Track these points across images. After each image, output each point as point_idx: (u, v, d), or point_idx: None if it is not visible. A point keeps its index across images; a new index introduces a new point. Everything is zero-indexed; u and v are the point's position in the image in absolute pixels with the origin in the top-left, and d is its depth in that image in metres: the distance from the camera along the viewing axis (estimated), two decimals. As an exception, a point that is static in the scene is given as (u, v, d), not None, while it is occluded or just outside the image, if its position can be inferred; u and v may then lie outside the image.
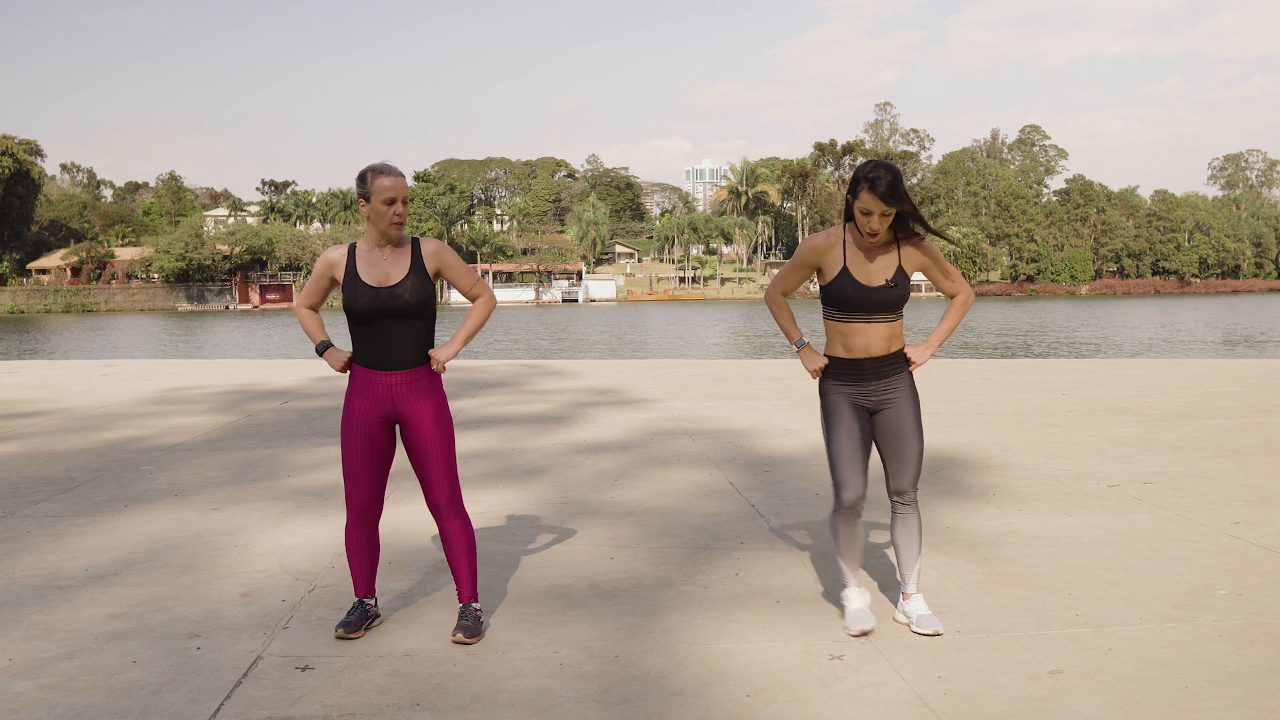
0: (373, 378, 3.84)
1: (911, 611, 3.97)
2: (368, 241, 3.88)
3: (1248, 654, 3.67)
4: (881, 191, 3.61)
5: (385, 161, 3.83)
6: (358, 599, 4.04)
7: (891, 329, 3.83)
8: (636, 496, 6.32)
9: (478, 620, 3.94)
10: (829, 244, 3.82)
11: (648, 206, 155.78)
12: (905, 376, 3.92)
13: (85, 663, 3.68)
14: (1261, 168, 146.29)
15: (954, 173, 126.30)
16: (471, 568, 3.99)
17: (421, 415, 3.86)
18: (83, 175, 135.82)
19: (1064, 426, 8.92)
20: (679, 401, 10.99)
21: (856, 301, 3.76)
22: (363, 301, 3.78)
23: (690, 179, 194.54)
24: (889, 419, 3.90)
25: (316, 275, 3.95)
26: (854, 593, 4.00)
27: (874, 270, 3.77)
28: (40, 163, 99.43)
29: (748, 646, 3.80)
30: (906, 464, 3.92)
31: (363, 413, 3.86)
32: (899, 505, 3.99)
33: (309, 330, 4.05)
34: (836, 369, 3.89)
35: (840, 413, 3.88)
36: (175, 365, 17.70)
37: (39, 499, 6.35)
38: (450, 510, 3.95)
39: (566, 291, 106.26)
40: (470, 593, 3.98)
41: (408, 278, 3.81)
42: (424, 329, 3.87)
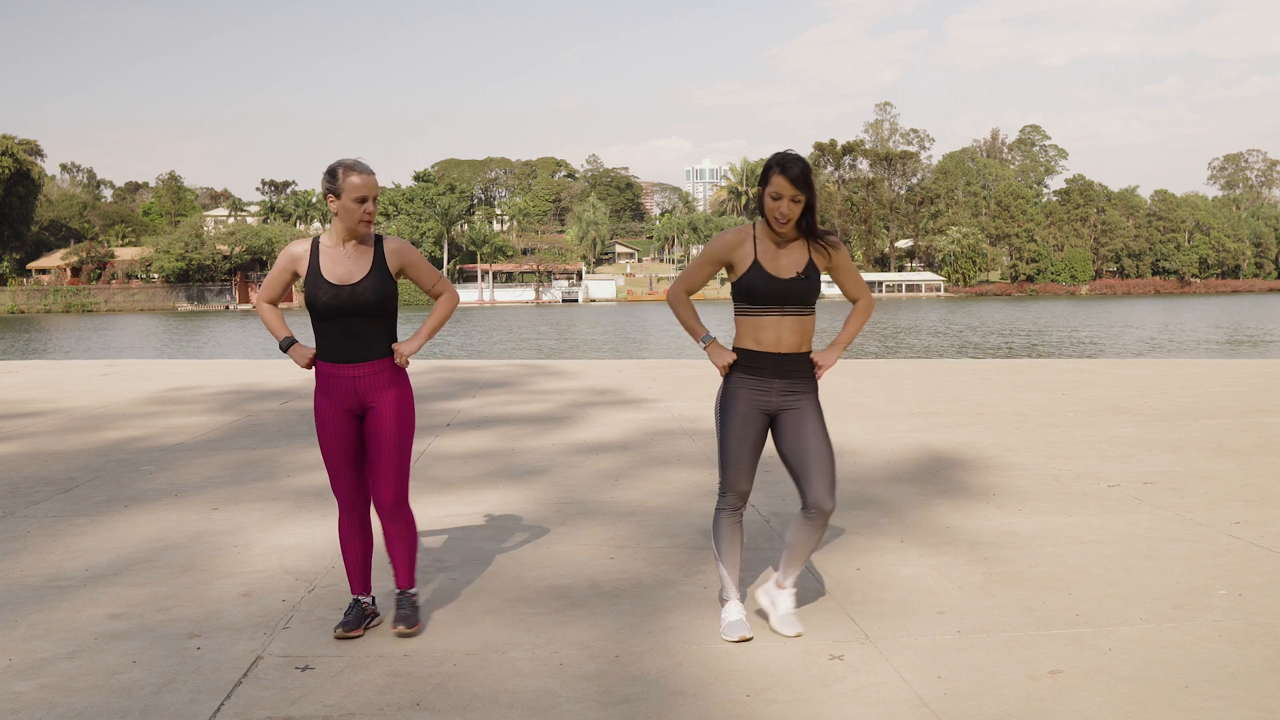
0: (336, 372, 3.85)
1: (780, 604, 3.94)
2: (332, 237, 3.87)
3: (1248, 654, 3.67)
4: (793, 175, 3.65)
5: (357, 159, 3.83)
6: (354, 597, 4.04)
7: (803, 324, 3.80)
8: (636, 496, 6.32)
9: (415, 608, 3.96)
10: (739, 239, 3.83)
11: (648, 206, 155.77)
12: (810, 383, 3.86)
13: (85, 663, 3.68)
14: (1261, 168, 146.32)
15: (954, 173, 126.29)
16: (410, 556, 3.99)
17: (383, 408, 3.87)
18: (83, 175, 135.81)
19: (1064, 426, 8.92)
20: (679, 401, 10.99)
21: (768, 294, 3.75)
22: (324, 298, 3.79)
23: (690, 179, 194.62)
24: (789, 423, 3.82)
25: (278, 269, 3.93)
26: (734, 602, 3.96)
27: (784, 264, 3.78)
28: (40, 163, 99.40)
29: (748, 646, 3.80)
30: (816, 468, 3.78)
31: (330, 408, 3.88)
32: (813, 515, 3.82)
33: (271, 327, 4.02)
34: (744, 362, 3.84)
35: (737, 411, 3.82)
36: (175, 365, 17.70)
37: (39, 499, 6.35)
38: (393, 512, 3.93)
39: (566, 291, 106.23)
40: (407, 578, 3.99)
41: (369, 276, 3.81)
42: (385, 325, 3.88)
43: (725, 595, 3.99)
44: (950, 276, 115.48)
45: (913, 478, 6.82)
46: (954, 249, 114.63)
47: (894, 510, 5.89)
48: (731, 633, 3.87)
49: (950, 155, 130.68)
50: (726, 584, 3.97)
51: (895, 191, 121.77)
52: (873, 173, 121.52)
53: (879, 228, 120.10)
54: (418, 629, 3.94)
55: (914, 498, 6.22)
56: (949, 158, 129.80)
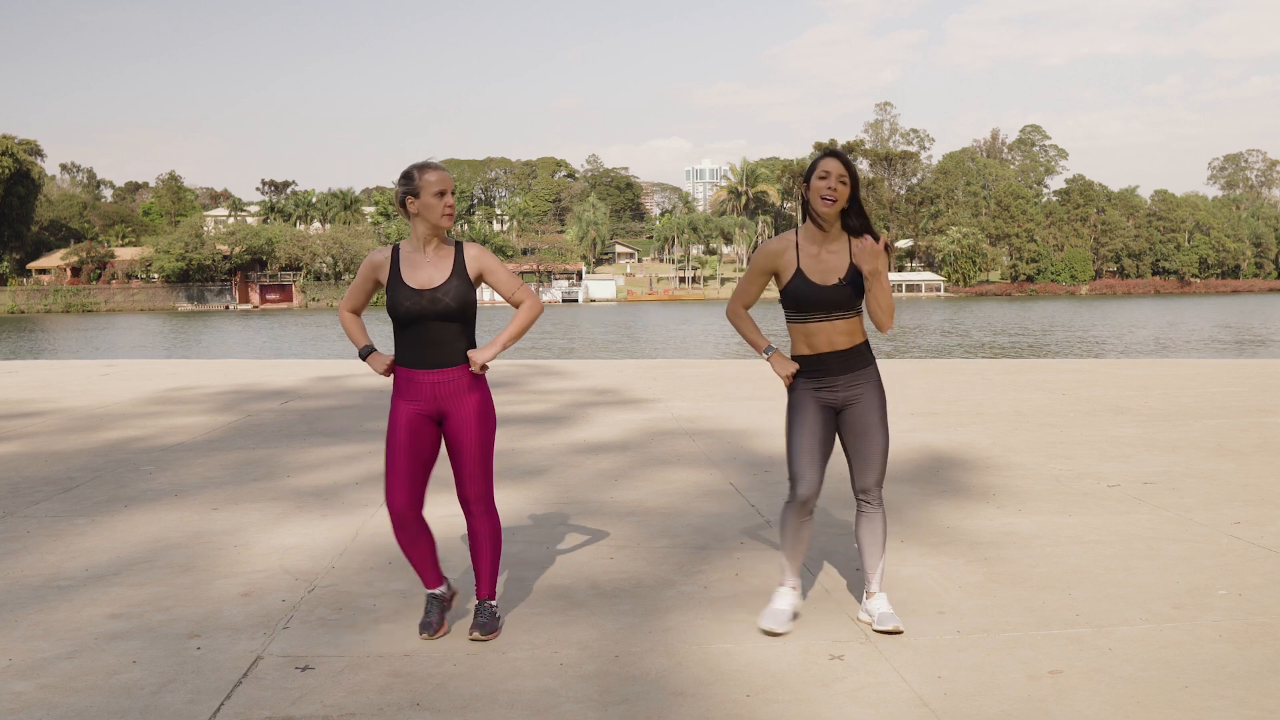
0: (415, 377, 3.87)
1: (874, 610, 3.97)
2: (412, 242, 3.92)
3: (1248, 654, 3.67)
4: (841, 157, 3.81)
5: (428, 158, 3.90)
6: (429, 593, 4.02)
7: (852, 324, 3.88)
8: (636, 496, 6.32)
9: (494, 617, 3.96)
10: (782, 247, 3.89)
11: (648, 206, 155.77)
12: (871, 373, 3.94)
13: (85, 663, 3.68)
14: (1261, 168, 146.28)
15: (954, 173, 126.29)
16: (494, 566, 4.02)
17: (464, 410, 3.90)
18: (83, 175, 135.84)
19: (1064, 426, 8.92)
20: (679, 401, 10.99)
21: (813, 301, 3.82)
22: (405, 304, 3.82)
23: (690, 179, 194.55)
24: (854, 415, 3.91)
25: (361, 278, 3.99)
26: (785, 592, 4.01)
27: (827, 270, 3.83)
28: (40, 163, 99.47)
29: (748, 646, 3.80)
30: (871, 461, 3.92)
31: (408, 412, 3.89)
32: (864, 504, 3.99)
33: (352, 335, 4.09)
34: (804, 366, 3.92)
35: (804, 408, 3.90)
36: (175, 365, 17.70)
37: (39, 499, 6.35)
38: (479, 507, 3.97)
39: (566, 292, 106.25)
40: (489, 590, 4.00)
41: (449, 280, 3.85)
42: (464, 330, 3.90)
43: (782, 580, 4.04)
44: (950, 276, 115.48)
45: (913, 478, 6.82)
46: (954, 249, 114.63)
47: (894, 510, 5.89)
48: (766, 620, 3.92)
49: (950, 155, 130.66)
50: (785, 570, 4.03)
51: (895, 191, 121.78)
52: (873, 173, 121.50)
53: (879, 227, 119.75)
54: (494, 636, 3.92)
55: (914, 498, 6.22)
56: (949, 158, 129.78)
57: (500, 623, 4.02)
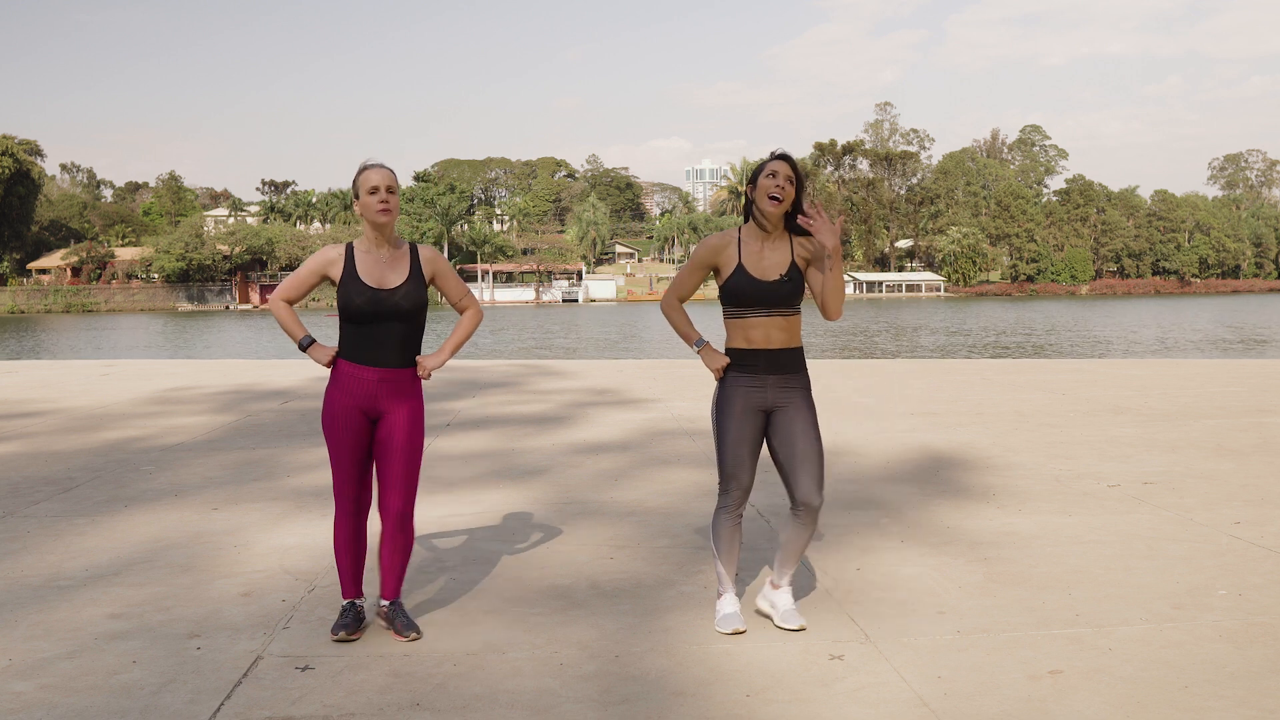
0: (357, 372, 3.87)
1: (779, 603, 3.98)
2: (365, 243, 3.92)
3: (1248, 654, 3.67)
4: (788, 159, 3.83)
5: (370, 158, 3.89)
6: (348, 600, 4.00)
7: (790, 323, 3.89)
8: (636, 496, 6.32)
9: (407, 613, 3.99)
10: (724, 243, 3.92)
11: (648, 206, 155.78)
12: (803, 378, 3.94)
13: (85, 663, 3.68)
14: (1261, 168, 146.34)
15: (954, 173, 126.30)
16: (404, 569, 4.01)
17: (396, 416, 3.90)
18: (83, 175, 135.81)
19: (1064, 426, 8.92)
20: (679, 401, 10.99)
21: (753, 296, 3.83)
22: (358, 302, 3.81)
23: (690, 179, 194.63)
24: (783, 419, 3.89)
25: (309, 270, 3.93)
26: (731, 596, 4.02)
27: (768, 266, 3.85)
28: (40, 163, 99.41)
29: (748, 646, 3.80)
30: (805, 466, 3.84)
31: (344, 405, 3.89)
32: (802, 514, 3.89)
33: (288, 326, 4.00)
34: (737, 362, 3.91)
35: (733, 406, 3.89)
36: (175, 365, 17.70)
37: (39, 499, 6.35)
38: (399, 520, 3.94)
39: (566, 291, 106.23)
40: (396, 590, 4.00)
41: (405, 283, 3.87)
42: (414, 332, 3.93)
43: (721, 589, 4.04)
44: (950, 276, 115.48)
45: (913, 478, 6.82)
46: (954, 249, 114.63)
47: (894, 510, 5.89)
48: (725, 625, 3.92)
49: (950, 155, 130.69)
50: (723, 579, 4.02)
51: (895, 191, 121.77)
52: (873, 173, 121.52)
53: (879, 228, 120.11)
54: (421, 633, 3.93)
55: (914, 498, 6.22)
56: (949, 158, 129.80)
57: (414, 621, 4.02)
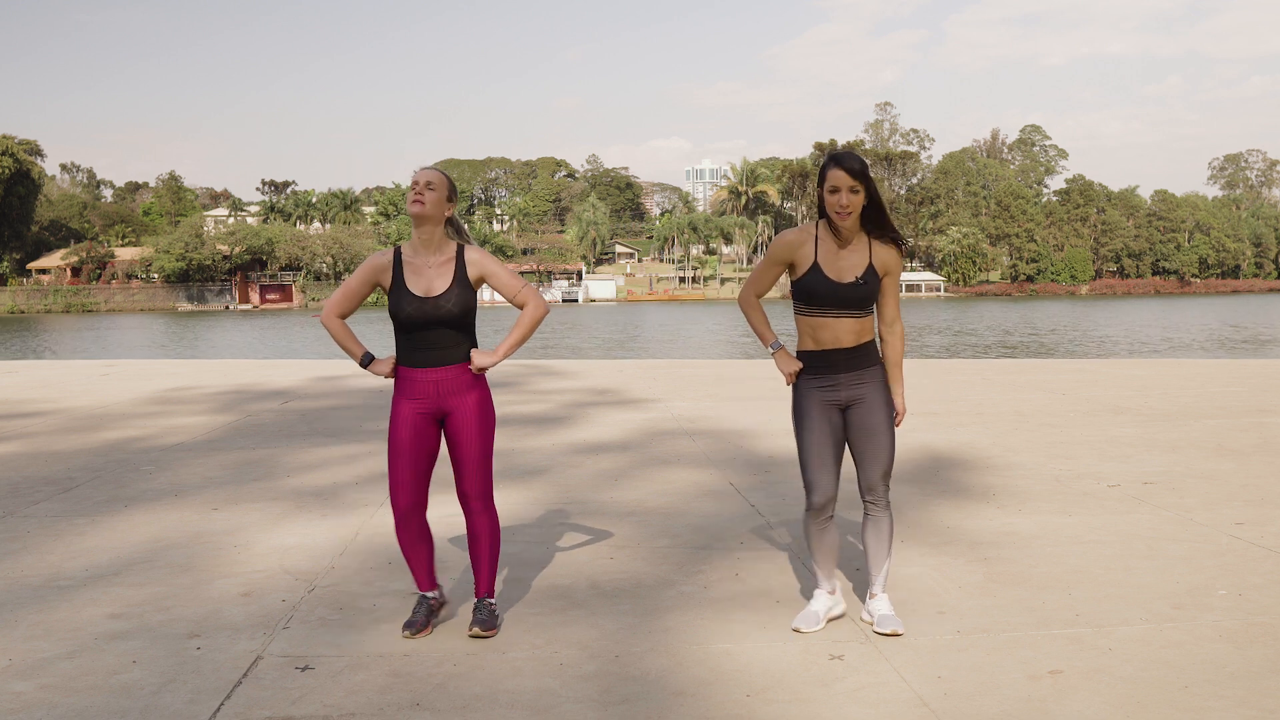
0: (417, 376, 3.92)
1: (875, 610, 3.97)
2: (412, 246, 3.96)
3: (1248, 654, 3.67)
4: (848, 167, 3.71)
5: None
6: (420, 594, 4.06)
7: (861, 324, 3.86)
8: (636, 496, 6.32)
9: (493, 614, 3.98)
10: (801, 239, 3.86)
11: (648, 206, 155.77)
12: (877, 371, 3.93)
13: (85, 663, 3.68)
14: (1261, 168, 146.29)
15: (954, 173, 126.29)
16: (493, 564, 4.05)
17: (465, 408, 3.94)
18: (83, 175, 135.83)
19: (1064, 426, 8.92)
20: (679, 401, 10.99)
21: (827, 297, 3.80)
22: (408, 310, 3.86)
23: (690, 179, 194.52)
24: (859, 414, 3.90)
25: (360, 281, 3.97)
26: (820, 594, 4.03)
27: (844, 267, 3.81)
28: (40, 163, 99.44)
29: (748, 646, 3.80)
30: (876, 460, 3.91)
31: (409, 411, 3.93)
32: (870, 505, 3.98)
33: (346, 345, 4.01)
34: (808, 363, 3.90)
35: (811, 412, 3.88)
36: (175, 365, 17.70)
37: (39, 499, 6.35)
38: (479, 504, 4.01)
39: (566, 291, 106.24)
40: (487, 588, 4.03)
41: (451, 288, 3.90)
42: (466, 333, 3.96)
43: (818, 584, 4.06)
44: (950, 276, 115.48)
45: (913, 478, 6.81)
46: (954, 249, 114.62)
47: (894, 510, 5.88)
48: (800, 621, 3.95)
49: (950, 155, 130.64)
50: (819, 577, 4.04)
51: (895, 191, 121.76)
52: (873, 173, 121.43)
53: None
54: (494, 634, 3.95)
55: (914, 498, 6.22)
56: (949, 158, 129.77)
57: (499, 620, 4.04)
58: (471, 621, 3.96)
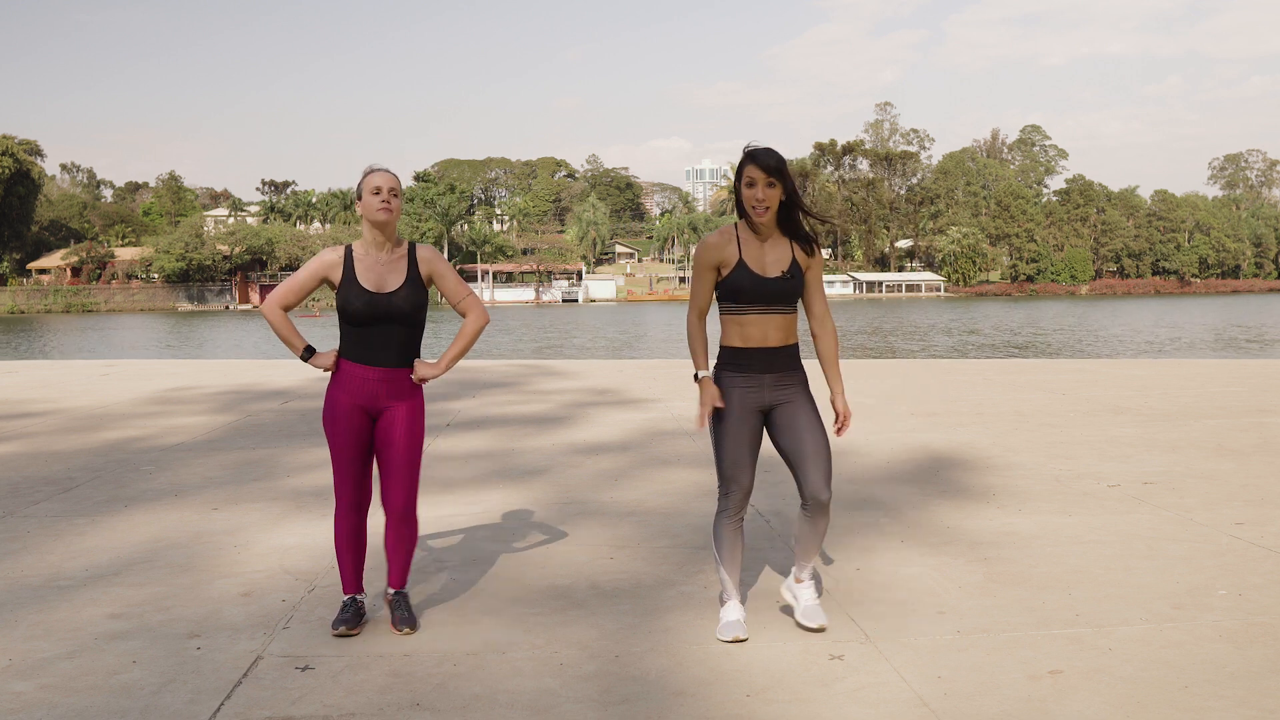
0: (358, 372, 3.92)
1: (801, 598, 3.95)
2: (364, 245, 3.95)
3: (1248, 654, 3.67)
4: (762, 162, 3.69)
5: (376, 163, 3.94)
6: (348, 597, 4.04)
7: (787, 321, 3.83)
8: (636, 496, 6.32)
9: (410, 607, 4.03)
10: (724, 240, 3.83)
11: (648, 206, 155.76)
12: (800, 376, 3.88)
13: (85, 663, 3.68)
14: (1261, 168, 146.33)
15: (954, 173, 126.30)
16: (409, 560, 4.08)
17: (395, 414, 3.94)
18: (83, 175, 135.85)
19: (1064, 426, 8.92)
20: (679, 401, 10.98)
21: (753, 293, 3.76)
22: (357, 305, 3.85)
23: (690, 179, 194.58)
24: (784, 415, 3.84)
25: (308, 274, 3.94)
26: (732, 605, 3.96)
27: (769, 262, 3.79)
28: (40, 163, 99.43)
29: (748, 646, 3.80)
30: (814, 462, 3.78)
31: (345, 404, 3.93)
32: (813, 509, 3.84)
33: (286, 337, 3.99)
34: (732, 361, 3.83)
35: (732, 409, 3.81)
36: (175, 365, 17.69)
37: (39, 499, 6.35)
38: (402, 515, 3.99)
39: (566, 291, 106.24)
40: (401, 579, 4.07)
41: (403, 286, 3.90)
42: (414, 332, 3.96)
43: (725, 596, 4.00)
44: (950, 276, 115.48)
45: (913, 478, 6.81)
46: (954, 249, 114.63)
47: (894, 510, 5.89)
48: (726, 633, 3.87)
49: (950, 155, 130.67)
50: (726, 585, 3.97)
51: (895, 191, 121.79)
52: (873, 173, 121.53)
53: (879, 228, 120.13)
54: (416, 629, 3.98)
55: (914, 498, 6.22)
56: (949, 158, 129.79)
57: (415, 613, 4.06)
58: (396, 620, 3.96)
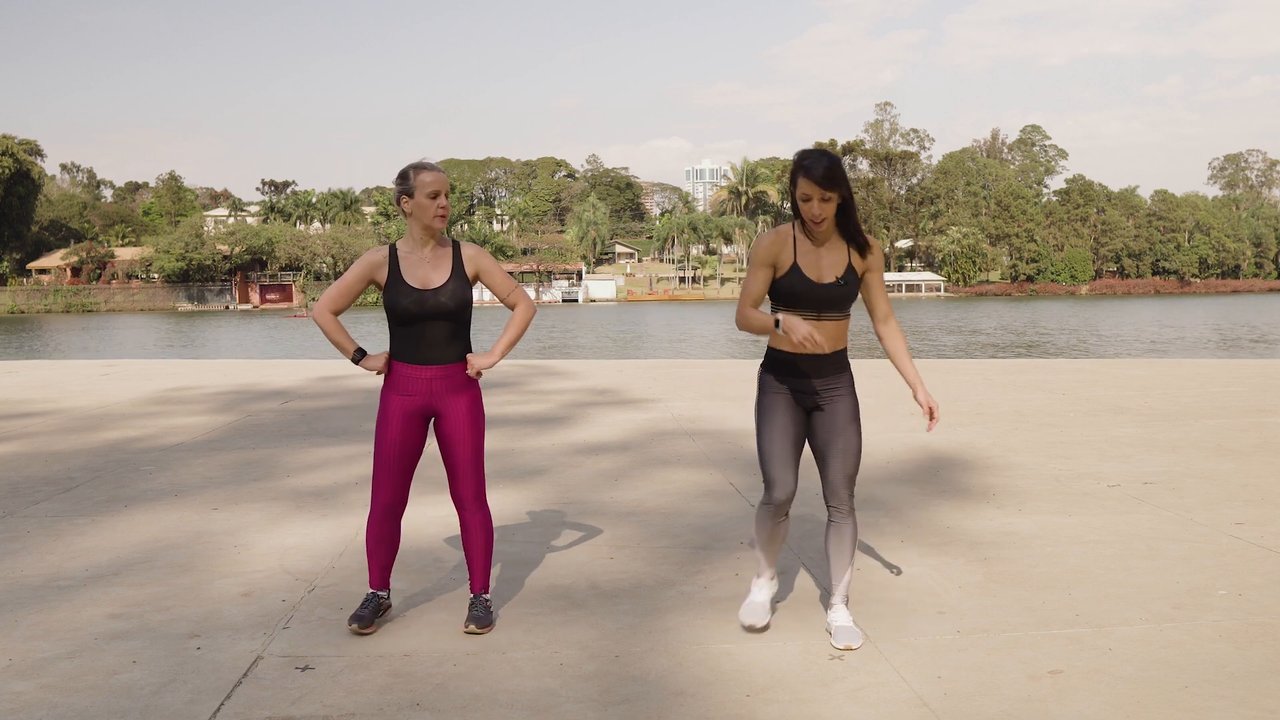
0: (411, 373, 3.92)
1: (832, 622, 3.88)
2: (408, 243, 3.95)
3: (1248, 654, 3.67)
4: (817, 176, 3.60)
5: (424, 159, 3.91)
6: (371, 591, 4.06)
7: (839, 327, 3.81)
8: (636, 496, 6.32)
9: (488, 611, 4.02)
10: (780, 241, 3.78)
11: (648, 206, 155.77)
12: (846, 379, 3.86)
13: (85, 663, 3.68)
14: (1261, 168, 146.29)
15: (954, 173, 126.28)
16: (487, 562, 4.07)
17: (456, 409, 3.95)
18: (83, 175, 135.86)
19: (1064, 426, 8.92)
20: (679, 401, 10.98)
21: (807, 298, 3.73)
22: (405, 303, 3.85)
23: (690, 179, 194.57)
24: (826, 417, 3.83)
25: (355, 277, 3.95)
26: (762, 583, 4.02)
27: (824, 267, 3.75)
28: (40, 163, 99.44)
29: (748, 646, 3.80)
30: (841, 460, 3.81)
31: (400, 406, 3.93)
32: (834, 512, 3.87)
33: (338, 341, 4.03)
34: (783, 365, 3.83)
35: (776, 408, 3.82)
36: (175, 365, 17.69)
37: (39, 499, 6.35)
38: (474, 505, 4.03)
39: (566, 291, 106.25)
40: (483, 584, 4.07)
41: (449, 282, 3.89)
42: (461, 329, 3.96)
43: (759, 571, 4.04)
44: (950, 276, 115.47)
45: (913, 478, 6.82)
46: (954, 249, 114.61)
47: (894, 510, 5.89)
48: (746, 615, 3.95)
49: (950, 155, 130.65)
50: (761, 563, 4.02)
51: (895, 191, 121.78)
52: (873, 173, 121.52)
53: (879, 228, 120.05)
54: (489, 630, 3.97)
55: (914, 498, 6.22)
56: (949, 158, 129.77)
57: (494, 618, 4.06)
58: (467, 619, 3.97)
